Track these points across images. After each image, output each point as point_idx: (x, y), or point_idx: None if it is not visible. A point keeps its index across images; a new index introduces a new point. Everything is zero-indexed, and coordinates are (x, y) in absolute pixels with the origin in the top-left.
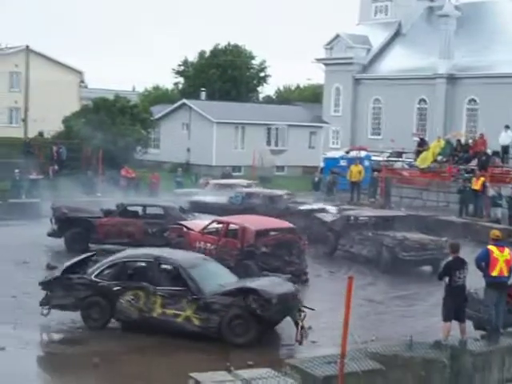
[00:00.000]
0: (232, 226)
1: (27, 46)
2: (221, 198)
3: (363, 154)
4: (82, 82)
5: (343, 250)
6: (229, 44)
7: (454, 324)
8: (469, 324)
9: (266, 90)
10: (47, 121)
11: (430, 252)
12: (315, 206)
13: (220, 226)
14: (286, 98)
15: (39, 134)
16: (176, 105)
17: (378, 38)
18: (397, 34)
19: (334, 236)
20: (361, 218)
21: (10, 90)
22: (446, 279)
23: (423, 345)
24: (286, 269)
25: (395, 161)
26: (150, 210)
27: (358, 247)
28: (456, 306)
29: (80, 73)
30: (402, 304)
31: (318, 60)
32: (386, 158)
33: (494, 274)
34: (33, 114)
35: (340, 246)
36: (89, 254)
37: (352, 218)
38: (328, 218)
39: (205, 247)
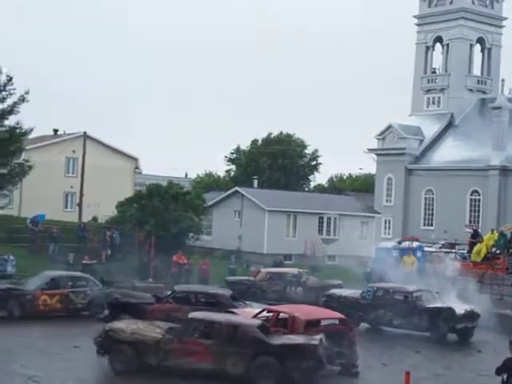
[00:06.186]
0: (282, 315)
1: (85, 133)
2: (354, 292)
3: (415, 244)
4: (137, 168)
5: None
6: (281, 133)
7: None
8: None
9: (318, 178)
10: (101, 206)
11: None
12: (442, 305)
13: (270, 314)
14: (338, 187)
15: (93, 218)
16: (228, 192)
17: (430, 129)
18: (449, 126)
19: None
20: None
21: (66, 175)
22: (504, 376)
23: None
24: (336, 360)
25: (448, 252)
26: (201, 297)
27: None
28: None
29: (135, 159)
30: None
31: (370, 150)
32: (438, 249)
33: None
34: (87, 199)
35: None
36: None
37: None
38: None
39: None
